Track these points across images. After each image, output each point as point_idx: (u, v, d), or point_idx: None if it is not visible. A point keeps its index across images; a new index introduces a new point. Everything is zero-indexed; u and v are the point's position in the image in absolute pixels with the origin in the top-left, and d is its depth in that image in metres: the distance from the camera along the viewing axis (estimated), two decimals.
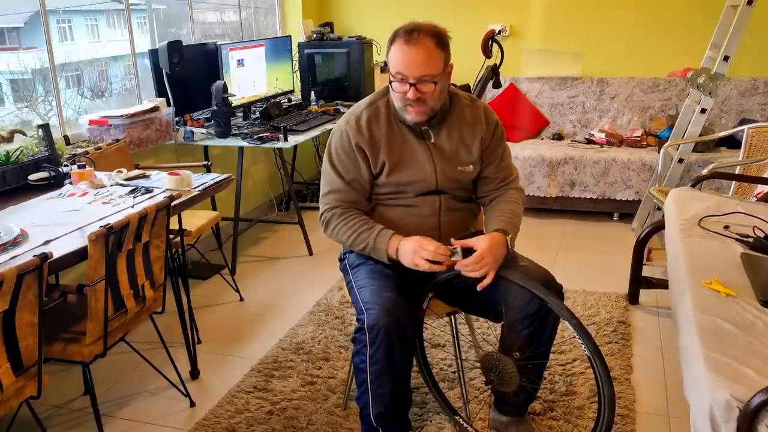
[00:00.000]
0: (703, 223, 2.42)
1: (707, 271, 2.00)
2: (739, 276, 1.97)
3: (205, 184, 2.46)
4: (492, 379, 1.83)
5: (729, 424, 1.34)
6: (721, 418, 1.35)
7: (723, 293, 1.84)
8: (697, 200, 2.70)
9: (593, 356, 1.66)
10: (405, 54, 1.77)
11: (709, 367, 1.45)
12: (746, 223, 2.39)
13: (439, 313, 2.07)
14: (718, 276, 1.94)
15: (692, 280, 1.94)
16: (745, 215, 2.47)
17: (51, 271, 1.73)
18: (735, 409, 1.33)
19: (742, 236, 2.27)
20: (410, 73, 1.78)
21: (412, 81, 1.78)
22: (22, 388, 1.70)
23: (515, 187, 2.02)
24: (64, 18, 3.36)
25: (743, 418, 1.32)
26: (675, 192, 2.83)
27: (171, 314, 2.62)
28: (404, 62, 1.78)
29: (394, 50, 1.80)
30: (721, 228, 2.37)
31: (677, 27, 4.46)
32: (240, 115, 3.96)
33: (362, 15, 5.11)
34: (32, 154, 2.56)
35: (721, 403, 1.35)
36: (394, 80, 1.82)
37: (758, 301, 1.80)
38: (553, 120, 4.76)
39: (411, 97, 1.80)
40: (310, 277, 3.47)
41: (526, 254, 1.97)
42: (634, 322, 2.87)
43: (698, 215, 2.51)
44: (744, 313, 1.73)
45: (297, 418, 2.22)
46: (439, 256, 1.74)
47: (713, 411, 1.36)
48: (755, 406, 1.30)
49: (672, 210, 2.64)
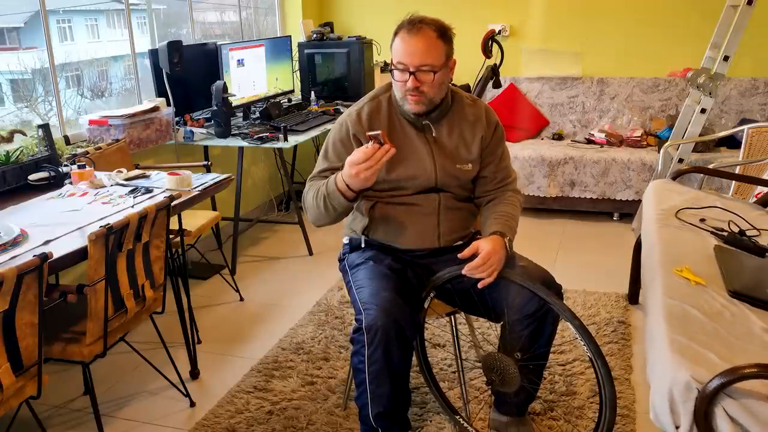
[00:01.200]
0: (680, 215, 2.45)
1: (679, 260, 2.01)
2: (710, 267, 1.98)
3: (205, 184, 2.46)
4: (493, 379, 1.83)
5: (687, 404, 1.35)
6: (680, 398, 1.36)
7: (693, 281, 1.85)
8: (677, 193, 2.72)
9: (594, 357, 1.66)
10: (406, 43, 1.79)
11: (672, 349, 1.46)
12: (722, 218, 2.41)
13: (440, 313, 2.07)
14: (690, 265, 1.95)
15: (664, 267, 1.96)
16: (722, 210, 2.49)
17: (51, 271, 1.73)
18: (694, 390, 1.34)
19: (717, 230, 2.29)
20: (410, 61, 1.79)
21: (412, 69, 1.79)
22: (22, 388, 1.70)
23: (513, 189, 2.02)
24: (64, 18, 3.36)
25: (701, 399, 1.33)
26: (655, 183, 2.86)
27: (171, 314, 2.62)
28: (405, 51, 1.79)
29: (397, 40, 1.82)
30: (697, 220, 2.40)
31: (677, 27, 4.46)
32: (240, 115, 3.96)
33: (362, 15, 5.11)
34: (32, 154, 2.57)
35: (681, 383, 1.36)
36: (395, 69, 1.83)
37: (727, 292, 1.81)
38: (553, 120, 4.76)
39: (410, 85, 1.80)
40: (310, 277, 3.47)
41: (525, 254, 1.97)
42: (634, 322, 2.87)
43: (676, 207, 2.53)
44: (712, 302, 1.74)
45: (297, 418, 2.22)
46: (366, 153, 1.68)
47: (673, 391, 1.37)
48: (714, 388, 1.31)
49: (651, 200, 2.67)
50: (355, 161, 1.69)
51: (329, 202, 1.82)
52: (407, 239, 1.96)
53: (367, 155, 1.68)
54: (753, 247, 2.14)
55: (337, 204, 1.81)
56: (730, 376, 1.30)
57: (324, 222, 1.90)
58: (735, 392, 1.32)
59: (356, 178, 1.70)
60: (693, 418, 1.35)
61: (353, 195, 1.78)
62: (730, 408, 1.32)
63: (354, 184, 1.73)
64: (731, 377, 1.30)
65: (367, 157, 1.67)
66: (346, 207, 1.83)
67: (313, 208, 1.89)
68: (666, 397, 1.38)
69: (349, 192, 1.77)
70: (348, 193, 1.77)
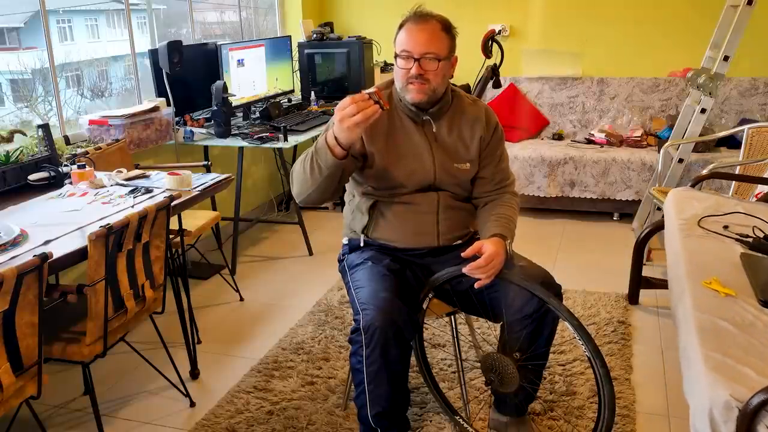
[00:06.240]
0: (703, 223, 2.42)
1: (706, 270, 2.00)
2: (738, 276, 1.97)
3: (205, 184, 2.46)
4: (492, 379, 1.83)
5: (728, 424, 1.34)
6: (721, 418, 1.35)
7: (722, 293, 1.84)
8: (697, 200, 2.70)
9: (593, 357, 1.66)
10: (412, 32, 1.81)
11: (708, 367, 1.45)
12: (746, 223, 2.39)
13: (439, 314, 2.07)
14: (718, 276, 1.94)
15: (691, 280, 1.94)
16: (744, 215, 2.47)
17: (51, 271, 1.73)
18: (734, 409, 1.33)
19: (741, 236, 2.27)
20: (415, 49, 1.80)
21: (417, 56, 1.80)
22: (22, 388, 1.70)
23: (511, 192, 2.02)
24: (64, 18, 3.36)
25: (742, 418, 1.31)
26: (674, 192, 2.83)
27: (171, 314, 2.62)
28: (410, 40, 1.81)
29: (402, 32, 1.83)
30: (720, 228, 2.37)
31: (677, 27, 4.46)
32: (240, 115, 3.96)
33: (362, 15, 5.11)
34: (32, 154, 2.57)
35: (721, 403, 1.35)
36: (399, 57, 1.83)
37: (758, 301, 1.80)
38: (553, 120, 4.76)
39: (414, 72, 1.81)
40: (310, 277, 3.47)
41: (525, 254, 1.97)
42: (634, 322, 2.87)
43: (698, 215, 2.51)
44: (743, 313, 1.73)
45: (297, 418, 2.23)
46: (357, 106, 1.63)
47: (713, 411, 1.36)
48: (754, 406, 1.30)
49: (671, 210, 2.64)
50: (342, 107, 1.64)
51: (316, 159, 1.74)
52: (406, 238, 1.96)
53: (359, 107, 1.62)
54: None
55: (323, 162, 1.72)
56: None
57: (308, 191, 1.81)
58: None
59: (340, 125, 1.64)
60: None
61: (341, 152, 1.70)
62: None
63: (340, 133, 1.66)
64: None
65: (358, 109, 1.62)
66: (333, 166, 1.72)
67: (299, 174, 1.81)
68: (706, 417, 1.37)
69: (337, 148, 1.69)
70: (336, 149, 1.70)
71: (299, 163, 1.83)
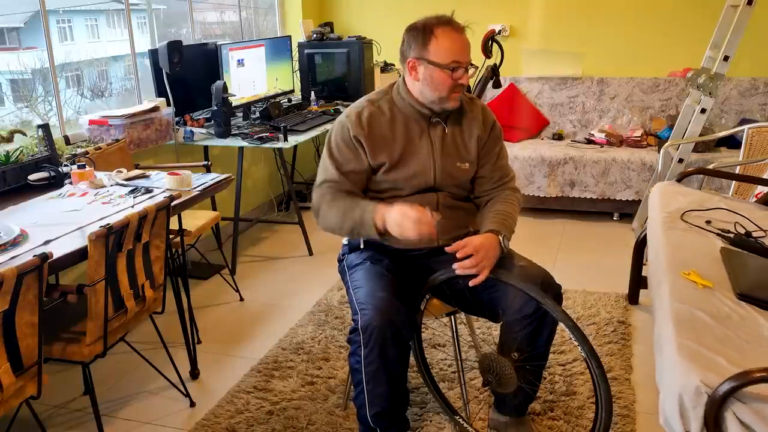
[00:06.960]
0: (686, 217, 2.45)
1: (686, 263, 2.01)
2: (717, 269, 1.98)
3: (205, 184, 2.46)
4: (490, 380, 1.83)
5: (697, 409, 1.35)
6: (690, 403, 1.36)
7: (700, 285, 1.85)
8: (682, 195, 2.72)
9: (589, 357, 1.66)
10: (456, 42, 1.82)
11: (682, 354, 1.46)
12: (728, 219, 2.41)
13: (439, 314, 2.07)
14: (697, 268, 1.95)
15: (671, 271, 1.95)
16: (728, 212, 2.49)
17: (51, 271, 1.73)
18: (704, 395, 1.34)
19: (723, 231, 2.29)
20: (464, 59, 1.82)
21: (465, 66, 1.83)
22: (22, 388, 1.70)
23: (512, 188, 2.02)
24: (64, 18, 3.36)
25: (711, 404, 1.32)
26: (660, 186, 2.86)
27: (171, 314, 2.62)
28: (459, 50, 1.82)
29: (444, 39, 1.81)
30: (703, 222, 2.40)
31: (677, 27, 4.46)
32: (240, 115, 3.96)
33: (362, 15, 5.11)
34: (32, 154, 2.57)
35: (691, 389, 1.35)
36: (447, 68, 1.81)
37: (735, 294, 1.81)
38: (553, 120, 4.76)
39: (464, 82, 1.83)
40: (310, 277, 3.47)
41: (525, 254, 1.97)
42: (634, 322, 2.87)
43: (681, 209, 2.53)
44: (720, 305, 1.74)
45: (297, 418, 2.23)
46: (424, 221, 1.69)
47: (682, 396, 1.37)
48: (724, 392, 1.31)
49: (656, 203, 2.67)
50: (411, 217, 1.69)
51: (358, 230, 1.83)
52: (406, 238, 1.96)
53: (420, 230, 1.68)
54: (760, 248, 2.13)
55: (365, 234, 1.84)
56: (740, 380, 1.29)
57: (336, 234, 1.94)
58: (745, 396, 1.31)
59: (399, 229, 1.71)
60: (703, 424, 1.34)
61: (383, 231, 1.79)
62: (740, 412, 1.31)
63: (394, 229, 1.73)
64: (741, 381, 1.29)
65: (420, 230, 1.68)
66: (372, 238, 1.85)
67: (335, 223, 1.89)
68: (676, 402, 1.38)
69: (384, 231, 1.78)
70: (382, 231, 1.78)
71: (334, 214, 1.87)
